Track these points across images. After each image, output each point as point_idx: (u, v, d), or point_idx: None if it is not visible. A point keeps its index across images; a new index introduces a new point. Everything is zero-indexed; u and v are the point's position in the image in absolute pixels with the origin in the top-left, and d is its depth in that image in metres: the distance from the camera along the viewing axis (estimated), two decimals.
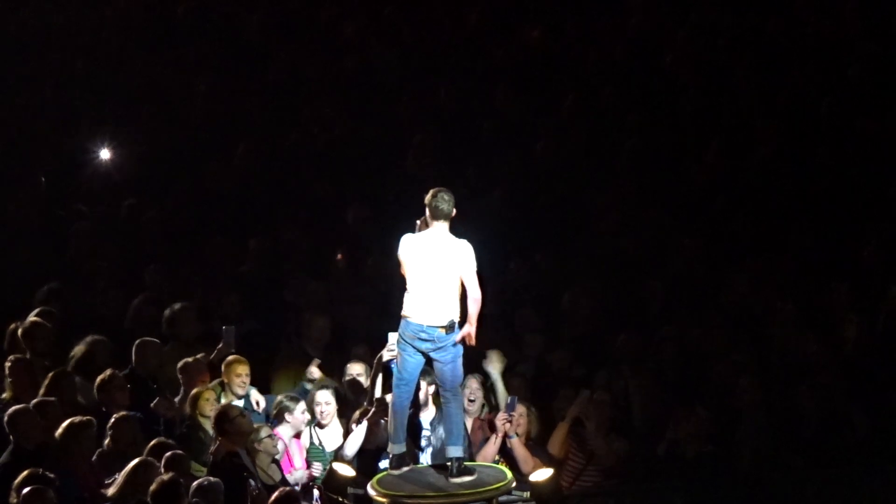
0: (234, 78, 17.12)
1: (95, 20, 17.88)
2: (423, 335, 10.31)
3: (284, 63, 17.42)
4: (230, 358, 12.14)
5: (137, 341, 12.53)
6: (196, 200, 15.71)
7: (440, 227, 10.34)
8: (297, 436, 11.74)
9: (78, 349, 12.50)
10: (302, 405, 11.68)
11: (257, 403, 12.02)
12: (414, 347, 10.37)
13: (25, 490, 10.02)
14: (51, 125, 16.50)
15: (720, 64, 16.74)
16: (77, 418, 10.97)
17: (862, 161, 15.37)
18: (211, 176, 15.95)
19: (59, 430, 10.86)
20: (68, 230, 15.08)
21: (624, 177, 15.57)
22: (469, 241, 10.40)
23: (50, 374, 11.79)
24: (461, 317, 10.39)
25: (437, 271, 10.29)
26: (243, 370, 12.03)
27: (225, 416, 11.07)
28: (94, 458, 11.02)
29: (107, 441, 11.18)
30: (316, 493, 10.76)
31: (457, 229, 10.46)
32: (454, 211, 10.35)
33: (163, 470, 10.32)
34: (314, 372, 12.37)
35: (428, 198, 10.36)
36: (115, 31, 17.86)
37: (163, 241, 15.08)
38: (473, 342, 10.38)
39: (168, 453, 10.54)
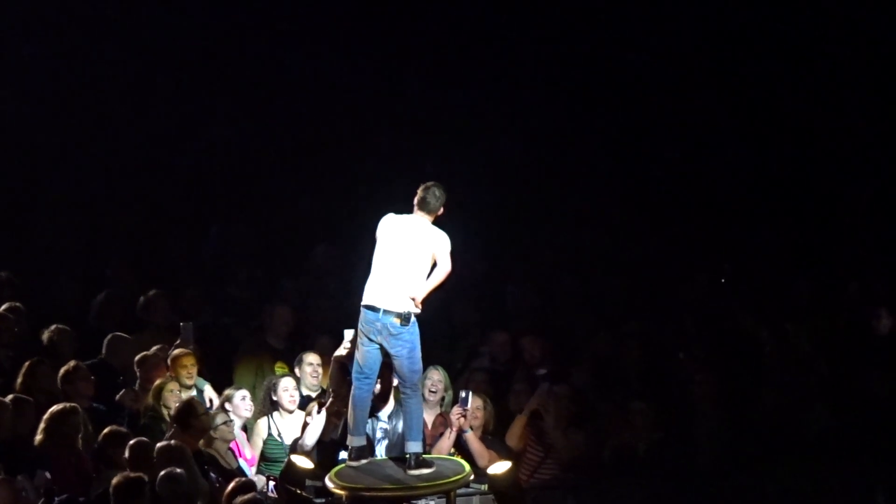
0: (195, 72, 17.11)
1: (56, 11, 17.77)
2: (378, 325, 10.30)
3: (246, 58, 17.41)
4: (176, 352, 12.17)
5: (109, 336, 12.55)
6: (157, 193, 15.77)
7: (421, 217, 10.44)
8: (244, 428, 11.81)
9: (44, 337, 12.54)
10: (241, 393, 11.75)
11: (210, 401, 12.01)
12: (369, 339, 10.35)
13: None
14: (6, 118, 16.48)
15: (683, 63, 16.80)
16: (62, 405, 10.94)
17: (824, 158, 15.46)
18: (170, 169, 16.03)
19: (45, 416, 10.82)
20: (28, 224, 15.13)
21: (586, 174, 15.65)
22: None
23: (25, 364, 11.76)
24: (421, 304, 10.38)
25: (407, 252, 10.33)
26: (188, 361, 12.05)
27: (192, 411, 11.09)
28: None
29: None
30: (271, 483, 10.75)
31: None
32: (441, 210, 10.44)
33: (127, 457, 10.30)
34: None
35: (420, 189, 10.47)
36: (75, 22, 17.77)
37: (123, 235, 15.11)
38: (419, 304, 10.35)
39: (132, 441, 10.49)
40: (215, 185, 15.98)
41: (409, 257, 10.35)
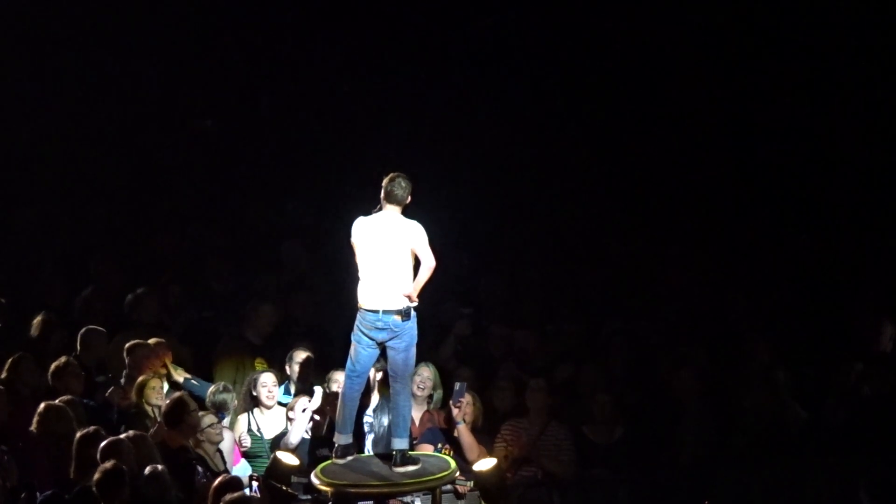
0: (181, 68, 17.07)
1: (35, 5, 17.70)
2: (380, 324, 10.29)
3: (231, 55, 17.40)
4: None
5: (83, 330, 12.51)
6: (139, 190, 15.73)
7: (392, 211, 10.37)
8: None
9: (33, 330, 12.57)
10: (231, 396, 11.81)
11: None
12: (370, 338, 10.34)
13: None
14: None
15: (666, 57, 16.82)
16: (58, 401, 10.94)
17: (813, 153, 15.50)
18: (155, 166, 15.99)
19: (40, 411, 10.84)
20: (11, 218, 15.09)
21: (570, 167, 15.68)
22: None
23: (9, 359, 11.75)
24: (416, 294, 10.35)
25: (389, 252, 10.28)
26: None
27: (185, 407, 11.09)
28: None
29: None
30: (254, 483, 10.67)
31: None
32: (409, 198, 10.38)
33: (100, 458, 10.22)
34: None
35: (385, 181, 10.38)
36: (56, 15, 17.70)
37: (108, 230, 15.07)
38: (414, 299, 10.35)
39: (103, 442, 10.37)
40: (199, 181, 15.92)
41: (391, 257, 10.30)
